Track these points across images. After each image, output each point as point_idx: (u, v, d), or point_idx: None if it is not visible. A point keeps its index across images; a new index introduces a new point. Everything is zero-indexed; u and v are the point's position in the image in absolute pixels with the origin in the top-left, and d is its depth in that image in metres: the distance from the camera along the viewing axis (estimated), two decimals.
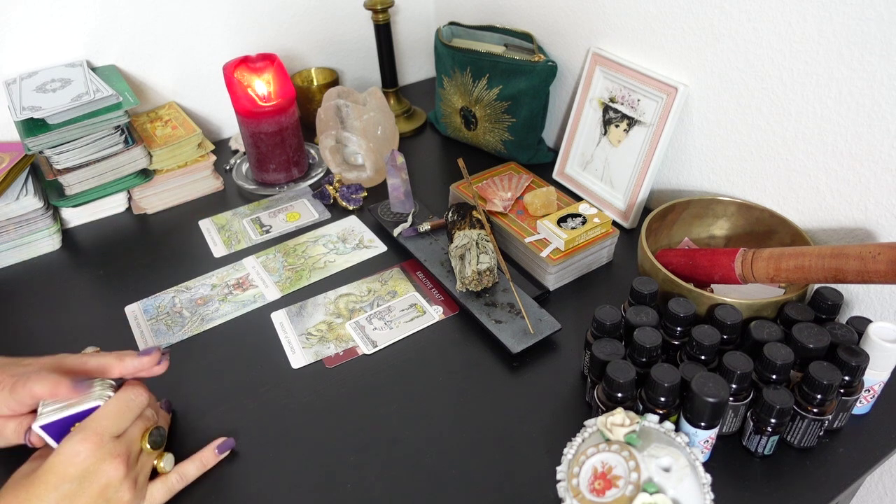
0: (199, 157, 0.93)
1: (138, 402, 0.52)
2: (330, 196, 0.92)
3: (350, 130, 0.91)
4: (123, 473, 0.48)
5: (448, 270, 0.76)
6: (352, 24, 1.16)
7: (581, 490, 0.46)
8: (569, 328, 0.70)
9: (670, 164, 0.84)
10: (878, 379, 0.57)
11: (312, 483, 0.56)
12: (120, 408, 0.50)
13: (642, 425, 0.48)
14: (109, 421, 0.49)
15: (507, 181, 0.85)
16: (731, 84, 0.73)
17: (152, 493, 0.52)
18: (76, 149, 0.82)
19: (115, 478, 0.48)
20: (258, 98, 0.90)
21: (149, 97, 1.03)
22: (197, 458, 0.56)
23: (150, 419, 0.53)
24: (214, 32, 1.03)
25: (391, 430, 0.60)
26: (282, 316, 0.73)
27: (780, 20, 0.66)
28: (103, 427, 0.48)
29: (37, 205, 0.82)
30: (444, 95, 1.02)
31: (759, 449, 0.55)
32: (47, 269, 0.83)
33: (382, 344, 0.69)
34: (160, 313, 0.74)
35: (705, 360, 0.56)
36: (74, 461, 0.46)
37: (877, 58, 0.59)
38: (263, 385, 0.65)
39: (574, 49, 0.93)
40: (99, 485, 0.47)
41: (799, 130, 0.68)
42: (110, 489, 0.48)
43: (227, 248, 0.84)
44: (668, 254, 0.69)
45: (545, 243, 0.75)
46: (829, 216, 0.68)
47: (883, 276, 0.50)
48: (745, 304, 0.59)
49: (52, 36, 0.92)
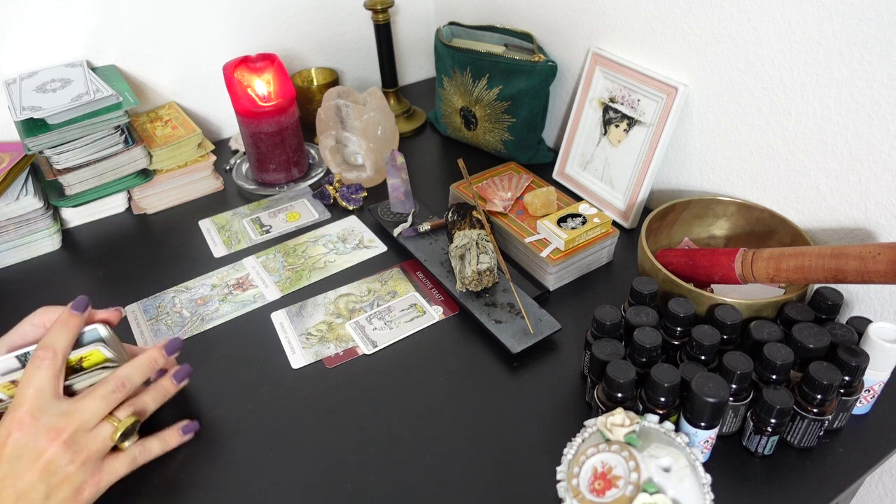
0: (199, 157, 0.93)
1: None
2: (330, 196, 0.92)
3: (350, 130, 0.91)
4: (62, 450, 0.48)
5: (448, 270, 0.76)
6: (352, 24, 1.16)
7: (581, 490, 0.46)
8: (569, 328, 0.70)
9: (670, 164, 0.84)
10: (878, 379, 0.57)
11: (312, 483, 0.56)
12: (43, 383, 0.49)
13: (642, 425, 0.48)
14: (41, 399, 0.49)
15: (507, 181, 0.85)
16: (731, 84, 0.73)
17: (113, 465, 0.52)
18: (76, 149, 0.82)
19: (54, 455, 0.47)
20: (258, 98, 0.90)
21: (149, 97, 1.03)
22: (161, 437, 0.56)
23: (111, 399, 0.52)
24: (214, 32, 1.03)
25: (391, 430, 0.60)
26: (282, 316, 0.73)
27: (780, 20, 0.66)
28: (35, 406, 0.48)
29: (37, 205, 0.82)
30: (444, 95, 1.02)
31: (759, 449, 0.55)
32: (47, 269, 0.83)
33: (382, 344, 0.69)
34: (160, 313, 0.74)
35: (705, 360, 0.56)
36: (8, 441, 0.47)
37: (877, 58, 0.59)
38: (263, 385, 0.65)
39: (574, 49, 0.93)
40: (40, 463, 0.47)
41: (799, 130, 0.68)
42: (53, 465, 0.47)
43: (227, 248, 0.84)
44: (668, 254, 0.69)
45: (545, 243, 0.75)
46: (829, 216, 0.68)
47: (883, 276, 0.50)
48: (745, 304, 0.59)
49: (52, 36, 0.92)
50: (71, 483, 0.48)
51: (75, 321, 0.53)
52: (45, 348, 0.51)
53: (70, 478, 0.48)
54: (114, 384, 0.52)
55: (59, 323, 0.53)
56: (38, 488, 0.47)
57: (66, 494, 0.48)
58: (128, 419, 0.53)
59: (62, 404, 0.50)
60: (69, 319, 0.53)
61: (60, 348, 0.51)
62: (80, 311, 0.54)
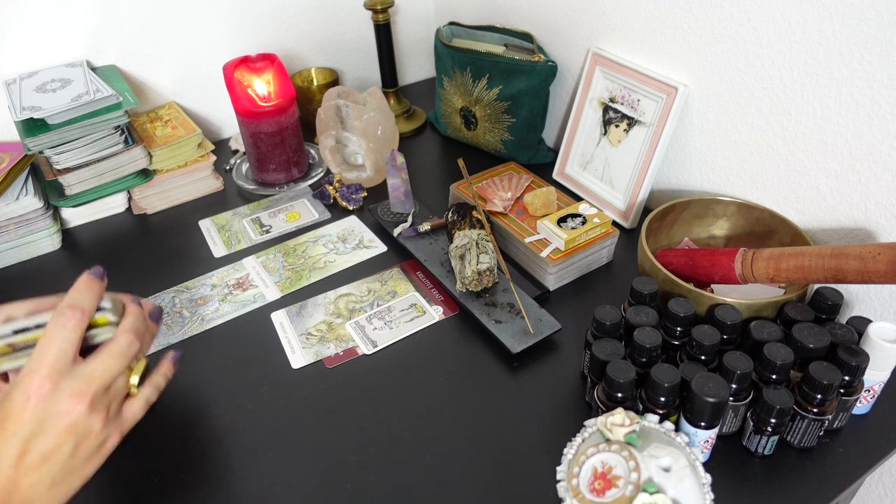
0: (199, 157, 0.93)
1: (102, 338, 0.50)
2: (330, 196, 0.92)
3: (350, 130, 0.91)
4: (87, 412, 0.47)
5: (448, 270, 0.76)
6: (352, 24, 1.16)
7: (581, 490, 0.46)
8: (569, 328, 0.70)
9: (670, 164, 0.84)
10: (878, 379, 0.57)
11: (312, 483, 0.56)
12: (66, 345, 0.48)
13: (642, 425, 0.48)
14: (62, 362, 0.47)
15: (507, 181, 0.85)
16: (731, 84, 0.73)
17: (132, 411, 0.51)
18: (76, 149, 0.82)
19: (78, 414, 0.47)
20: (258, 98, 0.90)
21: (149, 97, 1.03)
22: (160, 372, 0.55)
23: (129, 353, 0.51)
24: (214, 32, 1.03)
25: (391, 430, 0.60)
26: (282, 316, 0.73)
27: (780, 20, 0.66)
28: (54, 370, 0.47)
29: (37, 205, 0.82)
30: (444, 95, 1.02)
31: (759, 449, 0.55)
32: (47, 269, 0.83)
33: (382, 344, 0.69)
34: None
35: (705, 360, 0.56)
36: (27, 406, 0.46)
37: (877, 58, 0.59)
38: (263, 385, 0.65)
39: (574, 49, 0.93)
40: (64, 424, 0.46)
41: (799, 130, 0.68)
42: (79, 426, 0.47)
43: (227, 248, 0.84)
44: (668, 254, 0.69)
45: (545, 243, 0.75)
46: (829, 216, 0.68)
47: (883, 276, 0.50)
48: (745, 304, 0.59)
49: (52, 36, 0.92)
50: (96, 439, 0.48)
51: (98, 286, 0.52)
52: (72, 307, 0.49)
53: (95, 434, 0.48)
54: (127, 339, 0.51)
55: (82, 285, 0.51)
56: (64, 448, 0.47)
57: (91, 450, 0.48)
58: (139, 367, 0.52)
59: (81, 367, 0.49)
60: (91, 283, 0.52)
61: (87, 309, 0.50)
62: (98, 278, 0.53)
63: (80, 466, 0.47)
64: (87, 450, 0.48)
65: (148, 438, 0.60)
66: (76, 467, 0.47)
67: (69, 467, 0.47)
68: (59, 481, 0.46)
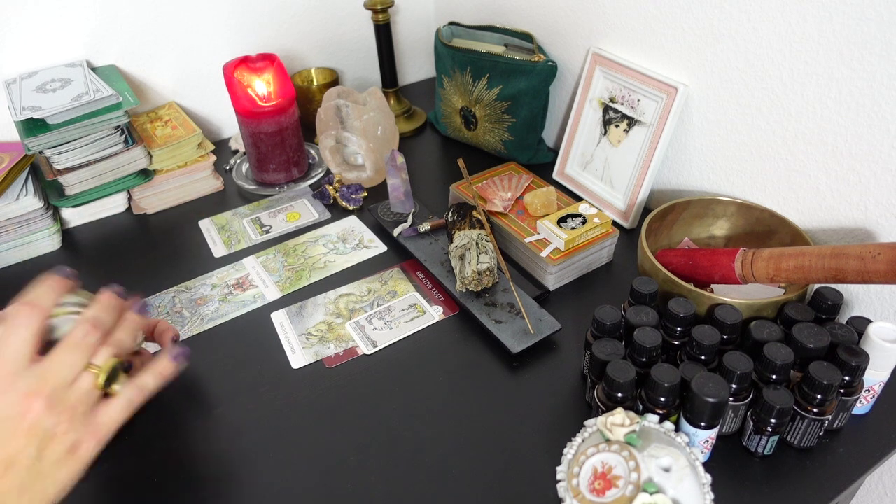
0: (199, 157, 0.93)
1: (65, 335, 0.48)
2: (330, 196, 0.92)
3: (350, 130, 0.91)
4: (44, 411, 0.44)
5: (448, 270, 0.76)
6: (352, 24, 1.16)
7: (581, 490, 0.46)
8: (569, 328, 0.70)
9: (670, 164, 0.84)
10: (878, 379, 0.57)
11: (312, 483, 0.56)
12: (21, 343, 0.46)
13: (642, 425, 0.48)
14: (18, 362, 0.45)
15: (507, 181, 0.85)
16: (731, 84, 0.73)
17: (108, 414, 0.48)
18: (76, 149, 0.82)
19: (37, 417, 0.44)
20: (258, 98, 0.90)
21: (149, 97, 1.03)
22: (153, 371, 0.52)
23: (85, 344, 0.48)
24: (214, 32, 1.03)
25: (391, 430, 0.60)
26: (282, 316, 0.73)
27: (780, 20, 0.66)
28: (8, 370, 0.45)
29: (37, 205, 0.82)
30: (444, 95, 1.02)
31: (759, 449, 0.55)
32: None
33: (382, 344, 0.69)
34: (160, 314, 0.74)
35: (705, 360, 0.56)
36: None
37: (877, 58, 0.59)
38: (263, 385, 0.65)
39: (574, 49, 0.93)
40: (23, 426, 0.44)
41: (799, 130, 0.68)
42: (38, 427, 0.44)
43: (227, 248, 0.84)
44: (668, 254, 0.69)
45: (545, 243, 0.75)
46: (829, 216, 0.68)
47: (883, 276, 0.50)
48: (745, 304, 0.59)
49: (52, 36, 0.92)
50: (62, 442, 0.45)
51: (60, 283, 0.50)
52: (28, 304, 0.47)
53: (60, 437, 0.45)
54: (83, 330, 0.48)
55: (42, 283, 0.49)
56: (27, 452, 0.44)
57: (59, 454, 0.45)
58: (108, 363, 0.48)
59: (36, 365, 0.46)
60: (53, 280, 0.49)
61: (45, 306, 0.47)
62: (63, 276, 0.51)
63: (49, 472, 0.45)
64: (55, 454, 0.45)
65: (147, 438, 0.60)
66: (45, 472, 0.44)
67: (37, 472, 0.44)
68: (29, 487, 0.44)
